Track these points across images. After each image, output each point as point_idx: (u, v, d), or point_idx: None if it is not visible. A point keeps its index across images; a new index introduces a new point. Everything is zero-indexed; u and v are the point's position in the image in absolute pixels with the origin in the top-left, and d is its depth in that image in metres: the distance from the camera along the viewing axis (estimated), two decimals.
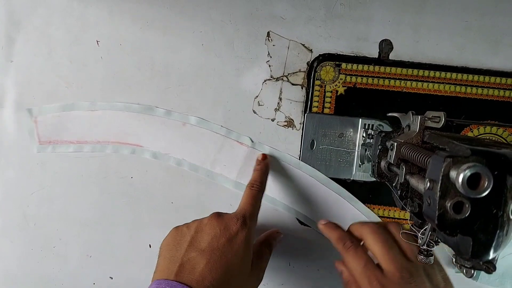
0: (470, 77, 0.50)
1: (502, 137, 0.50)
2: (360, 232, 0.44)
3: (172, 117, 0.52)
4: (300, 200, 0.52)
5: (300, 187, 0.52)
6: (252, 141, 0.52)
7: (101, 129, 0.53)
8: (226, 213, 0.43)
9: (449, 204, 0.26)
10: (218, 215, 0.42)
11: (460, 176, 0.24)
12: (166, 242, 0.42)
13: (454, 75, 0.50)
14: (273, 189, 0.53)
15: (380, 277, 0.39)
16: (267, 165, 0.51)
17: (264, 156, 0.51)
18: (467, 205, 0.26)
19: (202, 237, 0.40)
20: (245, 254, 0.41)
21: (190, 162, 0.52)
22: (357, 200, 0.52)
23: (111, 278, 0.55)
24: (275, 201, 0.53)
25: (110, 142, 0.53)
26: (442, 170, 0.26)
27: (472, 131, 0.50)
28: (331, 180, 0.52)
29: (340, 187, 0.52)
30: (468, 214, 0.26)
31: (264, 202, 0.52)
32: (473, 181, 0.24)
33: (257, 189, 0.46)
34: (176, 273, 0.37)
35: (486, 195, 0.25)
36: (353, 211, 0.52)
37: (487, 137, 0.50)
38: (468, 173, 0.24)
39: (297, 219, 0.53)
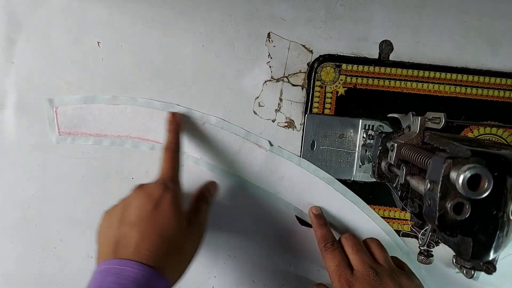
0: (470, 77, 0.50)
1: (502, 138, 0.50)
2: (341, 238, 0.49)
3: (192, 116, 0.52)
4: (300, 197, 0.52)
5: (300, 183, 0.52)
6: (271, 145, 0.52)
7: (121, 123, 0.53)
8: (148, 182, 0.44)
9: (449, 205, 0.26)
10: (141, 186, 0.43)
11: (460, 177, 0.24)
12: (100, 228, 0.43)
13: (454, 75, 0.50)
14: (273, 185, 0.53)
15: (348, 275, 0.43)
16: (178, 123, 0.50)
17: (173, 114, 0.50)
18: (467, 206, 0.26)
19: (130, 211, 0.41)
20: (176, 214, 0.42)
21: (207, 162, 0.53)
22: (360, 199, 0.52)
23: None
24: (276, 197, 0.53)
25: (129, 137, 0.53)
26: (443, 171, 0.26)
27: (472, 132, 0.51)
28: (333, 178, 0.52)
29: (341, 184, 0.52)
30: (468, 215, 0.26)
31: (263, 199, 0.53)
32: (473, 182, 0.25)
33: (172, 149, 0.47)
34: (113, 251, 0.38)
35: (486, 196, 0.25)
36: (355, 210, 0.52)
37: (487, 138, 0.50)
38: (468, 174, 0.24)
39: (296, 217, 0.53)
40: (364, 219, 0.52)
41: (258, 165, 0.52)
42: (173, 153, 0.47)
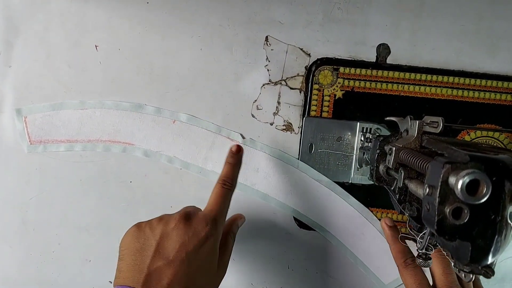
0: (467, 80, 0.50)
1: (498, 140, 0.51)
2: None
3: (162, 115, 0.52)
4: (299, 198, 0.53)
5: (299, 185, 0.52)
6: (243, 137, 0.52)
7: (91, 127, 0.53)
8: (195, 212, 0.42)
9: (448, 210, 0.26)
10: (186, 219, 0.40)
11: (459, 183, 0.24)
12: (128, 244, 0.39)
13: (451, 78, 0.50)
14: (248, 178, 0.53)
15: None
16: (241, 158, 0.46)
17: (239, 148, 0.46)
18: (465, 211, 0.26)
19: (169, 244, 0.38)
20: (213, 259, 0.40)
21: (181, 160, 0.53)
22: (356, 200, 0.52)
23: (111, 282, 0.55)
24: (252, 189, 0.53)
25: (101, 141, 0.53)
26: (441, 176, 0.26)
27: (469, 134, 0.51)
28: (330, 180, 0.52)
29: (336, 184, 0.52)
30: (466, 219, 0.26)
31: (261, 200, 0.53)
32: (472, 187, 0.25)
33: (228, 187, 0.44)
34: (143, 283, 0.36)
35: (484, 201, 0.25)
36: (351, 210, 0.52)
37: (484, 140, 0.51)
38: (467, 179, 0.24)
39: (295, 219, 0.53)
40: (361, 220, 0.52)
41: None
42: (228, 191, 0.43)
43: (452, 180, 0.25)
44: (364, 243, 0.53)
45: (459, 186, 0.24)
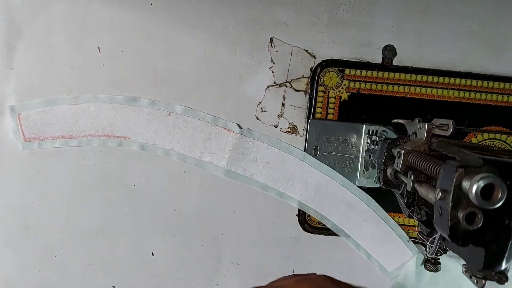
0: (474, 82, 0.50)
1: (506, 142, 0.50)
2: None
3: (157, 107, 0.51)
4: (299, 187, 0.52)
5: (299, 174, 0.52)
6: (240, 128, 0.52)
7: (86, 122, 0.52)
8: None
9: (461, 215, 0.25)
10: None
11: (473, 187, 0.24)
12: None
13: (457, 80, 0.50)
14: (247, 168, 0.52)
15: None
16: None
17: None
18: (479, 216, 0.25)
19: None
20: None
21: (178, 152, 0.52)
22: (357, 187, 0.52)
23: (114, 287, 0.54)
24: (273, 190, 0.52)
25: (96, 136, 0.52)
26: (454, 180, 0.25)
27: (476, 137, 0.50)
28: (330, 168, 0.51)
29: (336, 172, 0.51)
30: (480, 224, 0.25)
31: (260, 191, 0.52)
32: (486, 192, 0.24)
33: None
34: None
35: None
36: (353, 198, 0.52)
37: (492, 142, 0.50)
38: (481, 184, 0.24)
39: (299, 222, 0.52)
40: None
41: (230, 149, 0.52)
42: None
43: (465, 184, 0.25)
44: (367, 230, 0.52)
45: (474, 190, 0.24)
